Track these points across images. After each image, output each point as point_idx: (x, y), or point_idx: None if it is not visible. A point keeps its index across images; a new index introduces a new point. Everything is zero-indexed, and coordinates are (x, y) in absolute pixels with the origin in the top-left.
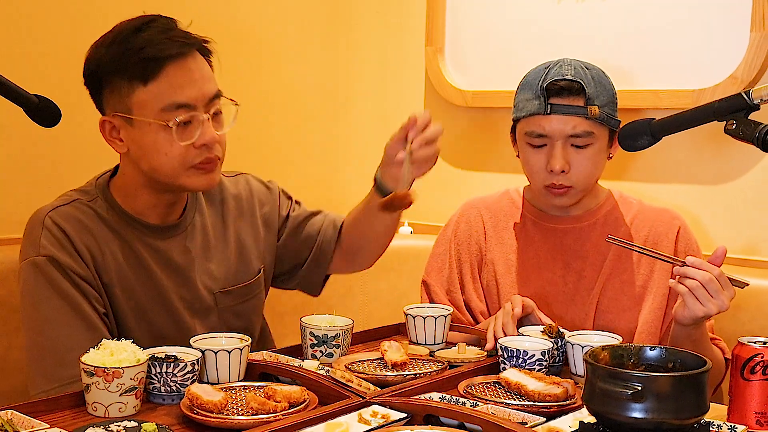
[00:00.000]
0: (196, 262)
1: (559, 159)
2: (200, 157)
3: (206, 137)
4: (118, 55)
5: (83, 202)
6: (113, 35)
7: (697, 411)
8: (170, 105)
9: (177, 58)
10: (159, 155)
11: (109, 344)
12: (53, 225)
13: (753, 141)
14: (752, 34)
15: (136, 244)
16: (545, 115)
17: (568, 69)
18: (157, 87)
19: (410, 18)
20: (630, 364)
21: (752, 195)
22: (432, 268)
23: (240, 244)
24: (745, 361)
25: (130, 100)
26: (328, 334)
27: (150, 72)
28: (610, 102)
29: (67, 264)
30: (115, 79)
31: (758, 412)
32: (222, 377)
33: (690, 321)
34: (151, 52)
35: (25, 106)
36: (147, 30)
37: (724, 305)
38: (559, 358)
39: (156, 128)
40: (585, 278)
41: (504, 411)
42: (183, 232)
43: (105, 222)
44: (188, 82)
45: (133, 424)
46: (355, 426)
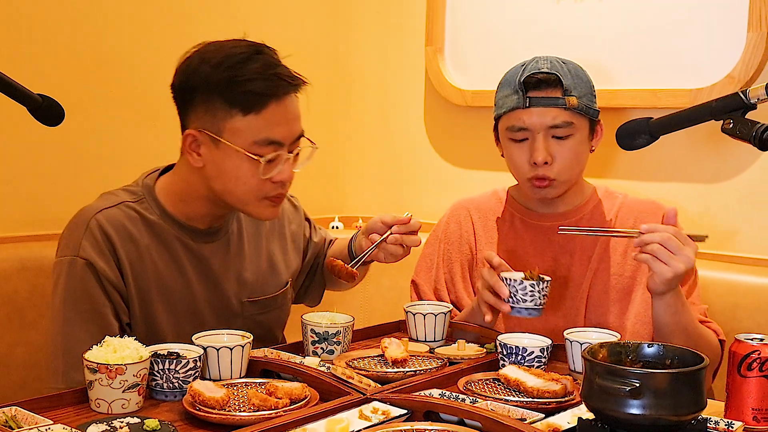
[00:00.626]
0: (231, 268)
1: (541, 151)
2: (274, 191)
3: (284, 175)
4: (225, 80)
5: (129, 204)
6: (221, 57)
7: (694, 407)
8: (263, 140)
9: (280, 98)
10: (237, 182)
11: (112, 341)
12: (97, 228)
13: (750, 140)
14: (749, 34)
15: (177, 248)
16: (525, 108)
17: (544, 63)
18: (255, 120)
19: (410, 18)
20: (628, 361)
21: (749, 193)
22: (421, 268)
23: (271, 256)
24: (742, 357)
25: (224, 124)
26: (329, 332)
27: (253, 106)
28: (588, 93)
29: (103, 270)
30: (214, 100)
31: (755, 409)
32: (224, 374)
33: (662, 286)
34: (259, 87)
35: (29, 105)
36: (256, 62)
37: (689, 259)
38: (541, 300)
39: (243, 157)
40: (574, 274)
41: (503, 407)
42: (223, 238)
43: (149, 225)
44: (284, 121)
45: (136, 420)
46: (355, 422)
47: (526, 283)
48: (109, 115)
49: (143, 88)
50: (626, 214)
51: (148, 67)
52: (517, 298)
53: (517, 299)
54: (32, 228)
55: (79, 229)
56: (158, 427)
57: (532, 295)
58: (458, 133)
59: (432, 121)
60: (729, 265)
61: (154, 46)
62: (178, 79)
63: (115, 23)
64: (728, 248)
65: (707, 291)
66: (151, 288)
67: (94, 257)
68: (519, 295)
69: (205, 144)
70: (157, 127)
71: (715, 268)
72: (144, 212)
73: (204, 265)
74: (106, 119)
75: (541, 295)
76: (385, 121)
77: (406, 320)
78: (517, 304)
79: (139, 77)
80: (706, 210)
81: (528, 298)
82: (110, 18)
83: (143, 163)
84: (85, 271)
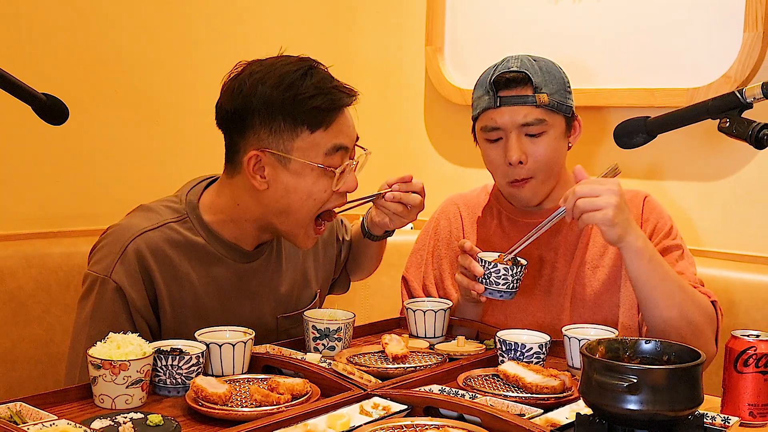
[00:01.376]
0: (269, 285)
1: (515, 150)
2: (337, 201)
3: (350, 183)
4: (289, 100)
5: (172, 226)
6: (276, 77)
7: (691, 403)
8: (331, 148)
9: (342, 110)
10: (308, 199)
11: (115, 337)
12: (134, 254)
13: (746, 139)
14: (745, 34)
15: (219, 268)
16: (496, 108)
17: (514, 62)
18: (324, 135)
19: (410, 18)
20: (626, 357)
21: (745, 192)
22: (411, 264)
23: (304, 268)
24: (739, 353)
25: (291, 143)
26: (330, 328)
27: (321, 122)
28: (560, 89)
29: (132, 300)
30: (278, 121)
31: (751, 404)
32: (226, 370)
33: (615, 230)
34: (323, 103)
35: (33, 104)
36: (312, 78)
37: (612, 190)
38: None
39: (318, 172)
40: (558, 270)
41: (502, 403)
42: (263, 256)
43: (192, 247)
44: (347, 129)
45: (140, 415)
46: (356, 417)
47: (499, 266)
48: (112, 115)
49: (145, 88)
50: None
51: (150, 67)
52: (490, 281)
53: (491, 281)
54: (36, 225)
55: (115, 250)
56: (161, 422)
57: (505, 278)
58: (457, 132)
59: (432, 119)
60: (725, 262)
61: (156, 47)
62: (231, 102)
63: (118, 24)
64: (724, 245)
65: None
66: (187, 312)
67: (125, 284)
68: (492, 277)
69: (270, 165)
70: (159, 126)
71: (712, 265)
72: (187, 233)
73: (244, 284)
74: (109, 119)
75: (515, 279)
76: (386, 119)
77: (407, 317)
78: (490, 286)
79: (141, 77)
80: (702, 208)
81: (501, 281)
82: (113, 19)
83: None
84: (115, 295)
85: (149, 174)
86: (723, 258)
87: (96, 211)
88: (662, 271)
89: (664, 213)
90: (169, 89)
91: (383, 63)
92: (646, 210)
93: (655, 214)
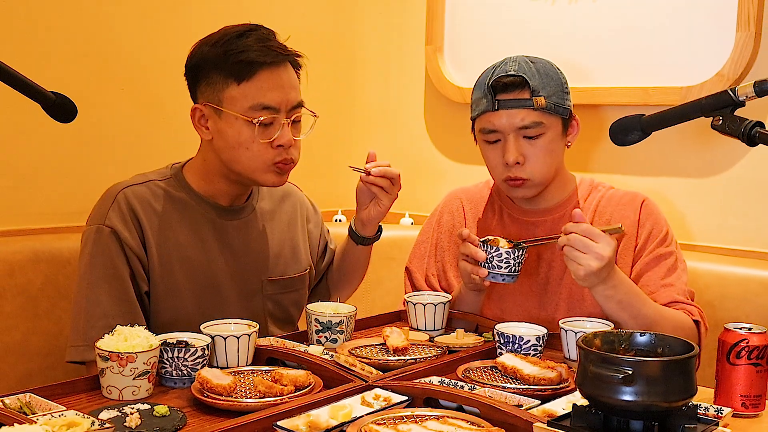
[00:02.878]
0: (252, 247)
1: (512, 152)
2: (279, 157)
3: (283, 139)
4: (220, 55)
5: (156, 183)
6: (218, 36)
7: (685, 394)
8: (257, 105)
9: (270, 65)
10: (240, 149)
11: (123, 330)
12: (124, 201)
13: (738, 136)
14: (738, 34)
15: (201, 223)
16: (494, 111)
17: (512, 65)
18: (248, 87)
19: (411, 19)
20: (621, 349)
21: (737, 188)
22: (414, 256)
23: (294, 242)
24: (731, 346)
25: (222, 94)
26: (333, 321)
27: (245, 73)
28: (558, 91)
29: (125, 239)
30: (213, 74)
31: (743, 395)
32: (231, 362)
33: (583, 282)
34: (249, 56)
35: (43, 103)
36: (248, 37)
37: (600, 255)
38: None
39: (241, 123)
40: (554, 268)
41: (500, 394)
42: (246, 217)
43: (174, 201)
44: (276, 87)
45: (146, 406)
46: (358, 408)
47: (501, 250)
48: (119, 112)
49: (153, 85)
50: (606, 206)
51: (157, 65)
52: (492, 265)
53: (493, 265)
54: (45, 221)
55: (107, 201)
56: (168, 413)
57: (506, 262)
58: (456, 129)
59: (431, 117)
60: (718, 256)
61: (162, 45)
62: (186, 62)
63: (124, 24)
64: (717, 240)
65: (697, 282)
66: (173, 259)
67: (118, 226)
68: (495, 261)
69: (210, 117)
70: (166, 123)
71: (704, 260)
72: (170, 190)
73: (226, 240)
74: (117, 116)
75: (516, 262)
76: (387, 117)
77: (407, 310)
78: (492, 270)
79: (148, 75)
80: (696, 203)
81: (503, 264)
82: (120, 19)
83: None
84: (110, 238)
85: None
86: (716, 252)
87: None
88: (633, 311)
89: (660, 219)
90: (175, 87)
91: (385, 62)
92: (642, 214)
93: (651, 220)
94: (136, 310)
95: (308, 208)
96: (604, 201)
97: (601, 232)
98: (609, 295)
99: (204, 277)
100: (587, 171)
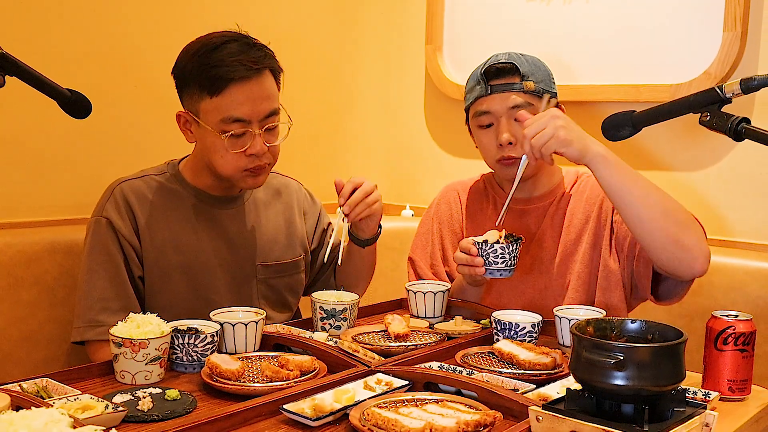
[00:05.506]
0: (245, 234)
1: (505, 131)
2: (251, 164)
3: (255, 149)
4: (196, 67)
5: (152, 177)
6: (198, 47)
7: (674, 379)
8: (227, 118)
9: (240, 80)
10: (216, 156)
11: (135, 317)
12: (120, 194)
13: (725, 131)
14: (725, 34)
15: (193, 212)
16: (487, 95)
17: (503, 56)
18: (219, 101)
19: (411, 19)
20: (613, 335)
21: (724, 181)
22: (417, 246)
23: (290, 228)
24: (718, 333)
25: (198, 106)
26: (337, 308)
27: (216, 88)
28: (546, 79)
29: (119, 228)
30: (191, 85)
31: (730, 380)
32: (239, 348)
33: (571, 151)
34: (219, 72)
35: (59, 100)
36: (223, 50)
37: (554, 115)
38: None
39: (213, 135)
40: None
41: (497, 379)
42: (239, 207)
43: (167, 193)
44: (246, 101)
45: (158, 390)
46: (361, 392)
47: (496, 246)
48: (131, 110)
49: (163, 84)
50: (584, 187)
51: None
52: (489, 261)
53: (489, 262)
54: (61, 213)
55: (106, 195)
56: (178, 396)
57: (502, 257)
58: (455, 125)
59: (431, 113)
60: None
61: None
62: (172, 69)
63: (137, 25)
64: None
65: None
66: (166, 246)
67: (113, 216)
68: (491, 258)
69: (192, 123)
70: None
71: None
72: (165, 183)
73: (219, 228)
74: (129, 113)
75: (512, 256)
76: (388, 113)
77: (408, 298)
78: (489, 266)
79: (159, 74)
80: (684, 196)
81: (499, 260)
82: (133, 20)
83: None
84: (106, 228)
85: None
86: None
87: None
88: (633, 175)
89: None
90: None
91: (386, 60)
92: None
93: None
94: (130, 293)
95: (306, 199)
96: (583, 184)
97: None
98: (603, 154)
99: (197, 261)
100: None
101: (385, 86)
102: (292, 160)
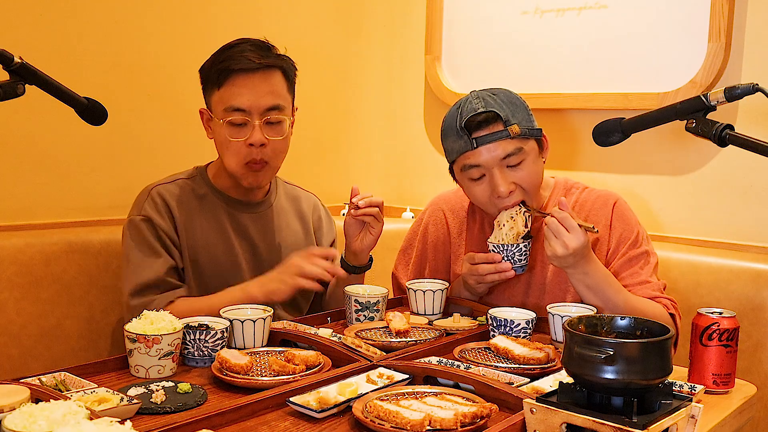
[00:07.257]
0: (267, 238)
1: (502, 183)
2: (250, 156)
3: (253, 138)
4: (210, 65)
5: (183, 180)
6: (217, 51)
7: (661, 372)
8: (229, 107)
9: (243, 72)
10: (223, 147)
11: (149, 315)
12: (157, 195)
13: (710, 137)
14: (710, 44)
15: (221, 214)
16: (473, 149)
17: (478, 102)
18: (224, 92)
19: (412, 30)
20: (603, 332)
21: (709, 185)
22: (399, 262)
23: (308, 237)
24: (704, 329)
25: (211, 100)
26: (371, 301)
27: (222, 79)
28: (526, 117)
29: (159, 224)
30: (208, 82)
31: (715, 374)
32: (248, 343)
33: (551, 260)
34: (225, 64)
35: (76, 107)
36: (236, 48)
37: (566, 245)
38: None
39: (220, 125)
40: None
41: (493, 373)
42: (262, 212)
43: (198, 197)
44: (247, 92)
45: (170, 384)
46: (363, 386)
47: (520, 245)
48: (146, 116)
49: (176, 91)
50: (582, 206)
51: (179, 73)
52: (514, 260)
53: (514, 260)
54: (79, 215)
55: (143, 197)
56: (190, 390)
57: (524, 254)
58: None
59: (430, 120)
60: (691, 247)
61: (185, 55)
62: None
63: (151, 35)
64: (690, 232)
65: (672, 271)
66: (198, 244)
67: (153, 215)
68: (516, 257)
69: (209, 120)
70: (188, 125)
71: (679, 250)
72: (195, 186)
73: (243, 230)
74: (144, 119)
75: (528, 254)
76: (389, 120)
77: (408, 296)
78: (515, 265)
79: (172, 82)
80: (671, 199)
81: (522, 258)
82: (147, 30)
83: (177, 158)
84: (146, 224)
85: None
86: (689, 244)
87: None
88: (603, 297)
89: (630, 221)
90: (196, 92)
91: (388, 70)
92: (614, 217)
93: (621, 223)
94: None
95: (322, 214)
96: (579, 204)
97: (576, 225)
98: (579, 279)
99: (225, 261)
100: (572, 170)
101: (387, 94)
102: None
